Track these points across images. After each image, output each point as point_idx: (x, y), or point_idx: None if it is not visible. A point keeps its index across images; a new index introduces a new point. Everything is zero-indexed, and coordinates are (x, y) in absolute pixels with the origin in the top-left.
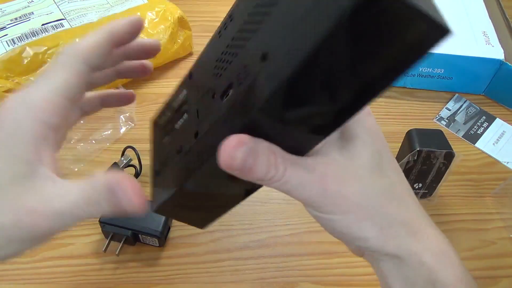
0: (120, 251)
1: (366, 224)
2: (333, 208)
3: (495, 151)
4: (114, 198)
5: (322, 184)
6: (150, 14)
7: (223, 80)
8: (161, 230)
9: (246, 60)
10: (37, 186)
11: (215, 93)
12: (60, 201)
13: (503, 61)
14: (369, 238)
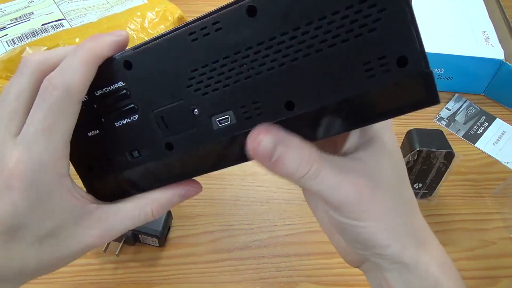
0: (120, 251)
1: (391, 232)
2: (365, 215)
3: (495, 151)
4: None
5: (358, 188)
6: (150, 14)
7: (213, 100)
8: (161, 230)
9: (257, 97)
10: (93, 220)
11: (199, 110)
12: (121, 224)
13: (503, 61)
14: (390, 246)
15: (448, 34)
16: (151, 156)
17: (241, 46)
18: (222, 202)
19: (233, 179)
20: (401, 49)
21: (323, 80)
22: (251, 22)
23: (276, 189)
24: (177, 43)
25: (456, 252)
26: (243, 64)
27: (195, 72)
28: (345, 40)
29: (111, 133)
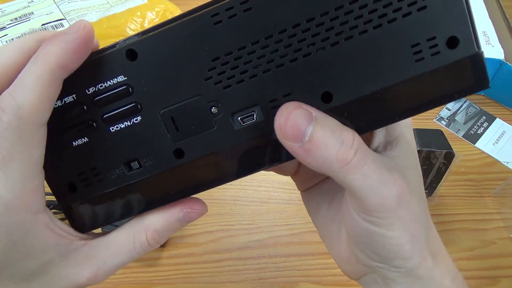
0: None
1: (414, 243)
2: (397, 223)
3: (495, 151)
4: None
5: (400, 190)
6: (150, 14)
7: (237, 95)
8: None
9: (290, 88)
10: (82, 258)
11: (219, 108)
12: (115, 259)
13: (503, 61)
14: (411, 258)
15: None
16: (156, 167)
17: (274, 29)
18: (222, 202)
19: None
20: (452, 28)
21: (365, 66)
22: (287, 0)
23: (276, 189)
24: (196, 27)
25: (456, 252)
26: (275, 50)
27: (216, 61)
28: (391, 20)
29: (104, 140)
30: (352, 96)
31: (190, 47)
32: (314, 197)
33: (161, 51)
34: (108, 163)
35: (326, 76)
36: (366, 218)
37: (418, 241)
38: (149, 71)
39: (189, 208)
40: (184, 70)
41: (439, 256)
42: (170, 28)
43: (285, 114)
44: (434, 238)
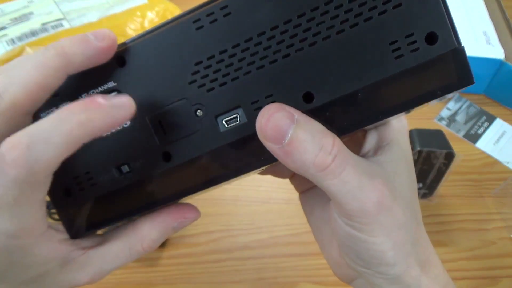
0: None
1: (399, 250)
2: (378, 229)
3: (495, 151)
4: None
5: (380, 197)
6: (150, 14)
7: (220, 97)
8: None
9: (271, 89)
10: (79, 265)
11: (203, 110)
12: (110, 265)
13: (503, 61)
14: (395, 265)
15: None
16: (145, 170)
17: (253, 32)
18: (222, 202)
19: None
20: (429, 24)
21: (345, 65)
22: (265, 3)
23: (276, 189)
24: (179, 33)
25: (456, 252)
26: (255, 52)
27: (199, 65)
28: (367, 18)
29: (96, 145)
30: (333, 95)
31: (174, 52)
32: (309, 199)
33: (147, 57)
34: (100, 167)
35: (306, 76)
36: (348, 223)
37: (402, 248)
38: (137, 77)
39: (182, 218)
40: (169, 75)
41: (428, 264)
42: (156, 35)
43: (266, 116)
44: (424, 246)
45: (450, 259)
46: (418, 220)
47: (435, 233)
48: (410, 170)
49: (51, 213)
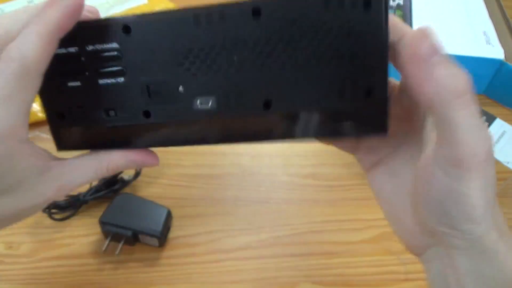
0: (120, 251)
1: (487, 208)
2: (478, 182)
3: (495, 151)
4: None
5: (489, 146)
6: None
7: (200, 83)
8: (161, 230)
9: (242, 91)
10: (53, 174)
11: (184, 89)
12: (78, 178)
13: (503, 61)
14: (481, 223)
15: (448, 34)
16: (127, 119)
17: (239, 42)
18: (222, 202)
19: (233, 179)
20: (371, 82)
21: (301, 88)
22: (254, 22)
23: (276, 189)
24: (180, 22)
25: None
26: (237, 58)
27: (190, 53)
28: (331, 59)
29: (93, 88)
30: (286, 108)
31: (173, 35)
32: (379, 176)
33: (150, 32)
34: (92, 105)
35: (271, 88)
36: (449, 172)
37: (490, 207)
38: (138, 46)
39: (144, 159)
40: (165, 53)
41: (503, 232)
42: (161, 16)
43: (420, 36)
44: (498, 214)
45: None
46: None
47: None
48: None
49: (51, 213)
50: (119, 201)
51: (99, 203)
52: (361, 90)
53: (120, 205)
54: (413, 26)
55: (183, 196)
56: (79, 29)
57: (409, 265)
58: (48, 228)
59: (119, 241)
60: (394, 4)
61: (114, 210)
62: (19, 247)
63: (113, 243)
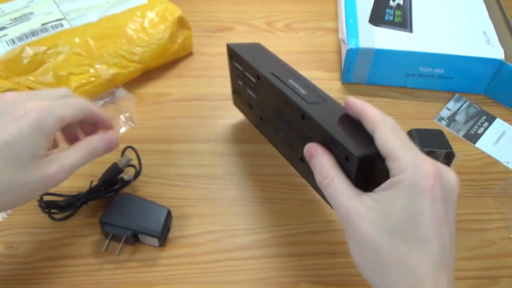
0: (120, 251)
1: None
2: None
3: (495, 151)
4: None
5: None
6: (150, 14)
7: (279, 125)
8: (161, 230)
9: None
10: (52, 158)
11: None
12: (69, 159)
13: (503, 61)
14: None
15: (448, 34)
16: (253, 114)
17: (295, 125)
18: (222, 202)
19: (233, 179)
20: (347, 154)
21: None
22: (302, 120)
23: (276, 189)
24: (279, 95)
25: (456, 252)
26: (292, 129)
27: (278, 111)
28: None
29: (245, 89)
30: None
31: (274, 98)
32: None
33: (267, 88)
34: (245, 95)
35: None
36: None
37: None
38: (261, 88)
39: (111, 141)
40: (271, 99)
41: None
42: (276, 87)
43: (308, 147)
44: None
45: None
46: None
47: None
48: (411, 209)
49: (51, 213)
50: (119, 201)
51: (99, 203)
52: (344, 157)
53: (120, 205)
54: (413, 26)
55: (183, 196)
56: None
57: None
58: (48, 228)
59: (119, 241)
60: (394, 4)
61: (114, 210)
62: (19, 247)
63: (113, 243)
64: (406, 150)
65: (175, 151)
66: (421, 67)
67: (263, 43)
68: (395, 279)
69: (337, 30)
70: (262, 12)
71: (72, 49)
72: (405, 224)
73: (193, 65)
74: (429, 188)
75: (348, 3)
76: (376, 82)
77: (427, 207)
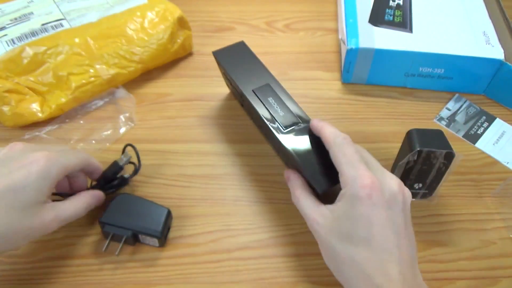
0: (120, 252)
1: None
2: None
3: (495, 151)
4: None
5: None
6: (150, 14)
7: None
8: (161, 230)
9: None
10: (48, 207)
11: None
12: (66, 211)
13: (503, 61)
14: None
15: (448, 34)
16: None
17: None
18: (222, 202)
19: (233, 179)
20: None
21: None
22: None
23: (276, 189)
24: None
25: (456, 252)
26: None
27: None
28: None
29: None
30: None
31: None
32: None
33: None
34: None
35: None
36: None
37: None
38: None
39: (97, 198)
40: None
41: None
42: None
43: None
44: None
45: (450, 259)
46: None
47: (435, 233)
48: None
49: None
50: (119, 201)
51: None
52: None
53: (120, 205)
54: (413, 26)
55: (183, 196)
56: None
57: None
58: None
59: (119, 241)
60: (394, 4)
61: (114, 210)
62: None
63: (113, 243)
64: (350, 166)
65: (175, 151)
66: (421, 67)
67: (263, 43)
68: (350, 275)
69: (337, 30)
70: (262, 12)
71: (72, 49)
72: (350, 229)
73: (193, 65)
74: (365, 197)
75: (348, 3)
76: (376, 82)
77: (366, 213)
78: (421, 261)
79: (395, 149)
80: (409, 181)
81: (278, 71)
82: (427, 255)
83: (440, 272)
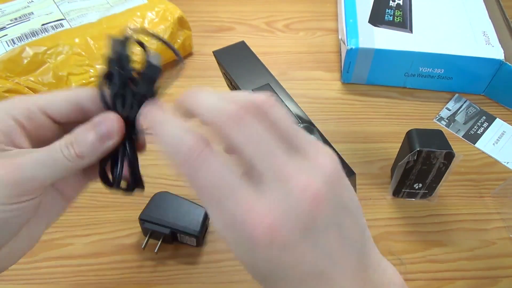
0: (120, 252)
1: None
2: None
3: (495, 151)
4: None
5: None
6: (150, 14)
7: None
8: (199, 230)
9: None
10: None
11: None
12: (37, 151)
13: (503, 61)
14: None
15: (448, 34)
16: None
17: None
18: None
19: None
20: None
21: None
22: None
23: None
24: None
25: (456, 252)
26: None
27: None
28: None
29: None
30: None
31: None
32: None
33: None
34: None
35: None
36: None
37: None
38: None
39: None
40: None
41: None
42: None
43: None
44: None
45: (450, 259)
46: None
47: (435, 233)
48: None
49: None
50: (157, 199)
51: (99, 204)
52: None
53: (159, 203)
54: (413, 26)
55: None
56: None
57: (409, 265)
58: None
59: (157, 239)
60: (394, 4)
61: (153, 208)
62: None
63: (114, 243)
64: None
65: None
66: (421, 67)
67: (263, 43)
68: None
69: (337, 30)
70: (262, 12)
71: (72, 49)
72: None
73: (193, 65)
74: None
75: (348, 3)
76: (376, 82)
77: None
78: (421, 261)
79: (395, 149)
80: (408, 181)
81: (278, 71)
82: (427, 255)
83: (440, 272)
